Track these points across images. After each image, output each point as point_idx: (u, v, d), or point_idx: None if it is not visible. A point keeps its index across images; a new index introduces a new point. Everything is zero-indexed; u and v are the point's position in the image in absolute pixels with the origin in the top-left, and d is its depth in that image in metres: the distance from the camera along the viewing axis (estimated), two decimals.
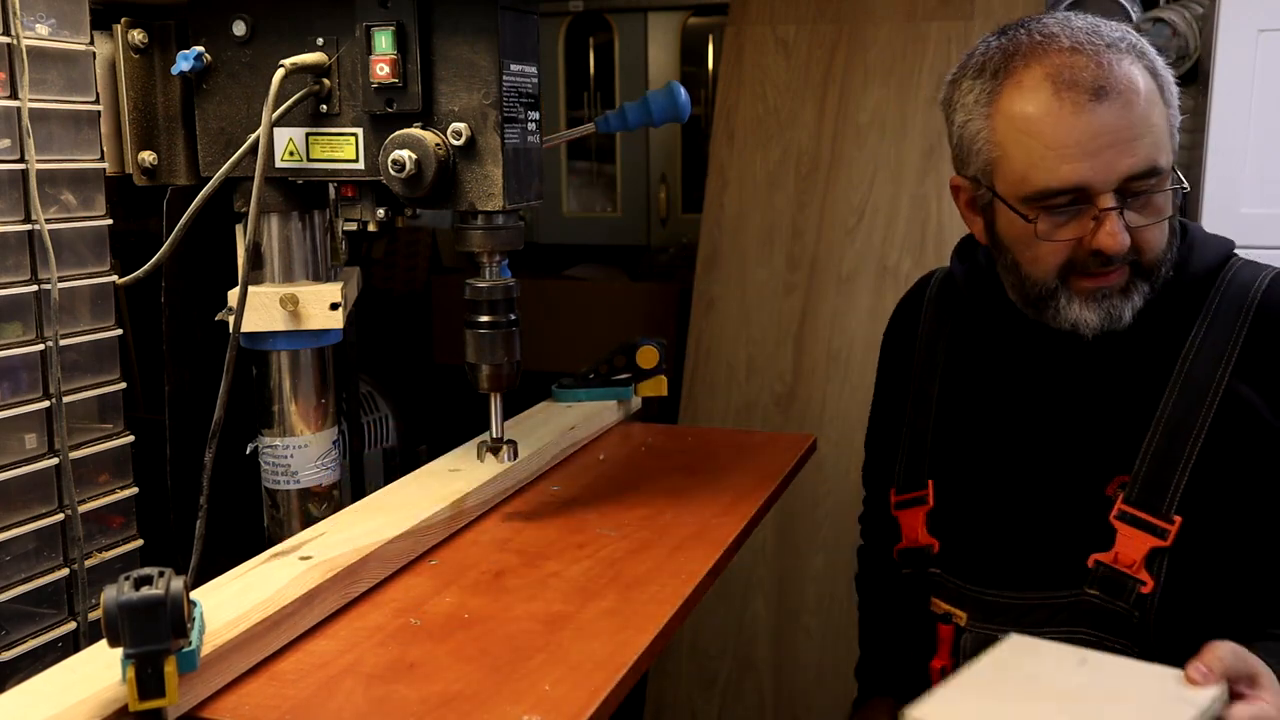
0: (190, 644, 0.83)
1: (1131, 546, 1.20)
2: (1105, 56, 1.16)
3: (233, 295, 1.20)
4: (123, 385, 1.20)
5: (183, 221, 1.17)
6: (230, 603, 0.94)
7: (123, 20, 1.19)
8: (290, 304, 1.20)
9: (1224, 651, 1.02)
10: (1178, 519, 1.19)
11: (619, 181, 3.59)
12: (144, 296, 1.36)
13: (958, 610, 1.30)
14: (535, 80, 1.18)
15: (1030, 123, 1.17)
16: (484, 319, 1.17)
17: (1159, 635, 1.19)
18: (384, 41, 1.10)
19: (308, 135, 1.17)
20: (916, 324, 1.45)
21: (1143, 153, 1.15)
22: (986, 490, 1.32)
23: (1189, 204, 2.43)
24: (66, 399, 1.12)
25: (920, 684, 1.20)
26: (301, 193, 1.23)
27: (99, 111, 1.17)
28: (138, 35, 1.20)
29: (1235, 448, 1.20)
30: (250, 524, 1.29)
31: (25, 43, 1.06)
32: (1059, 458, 1.28)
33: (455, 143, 1.12)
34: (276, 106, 1.12)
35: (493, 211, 1.13)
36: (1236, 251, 1.32)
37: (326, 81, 1.15)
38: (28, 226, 1.08)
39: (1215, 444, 1.20)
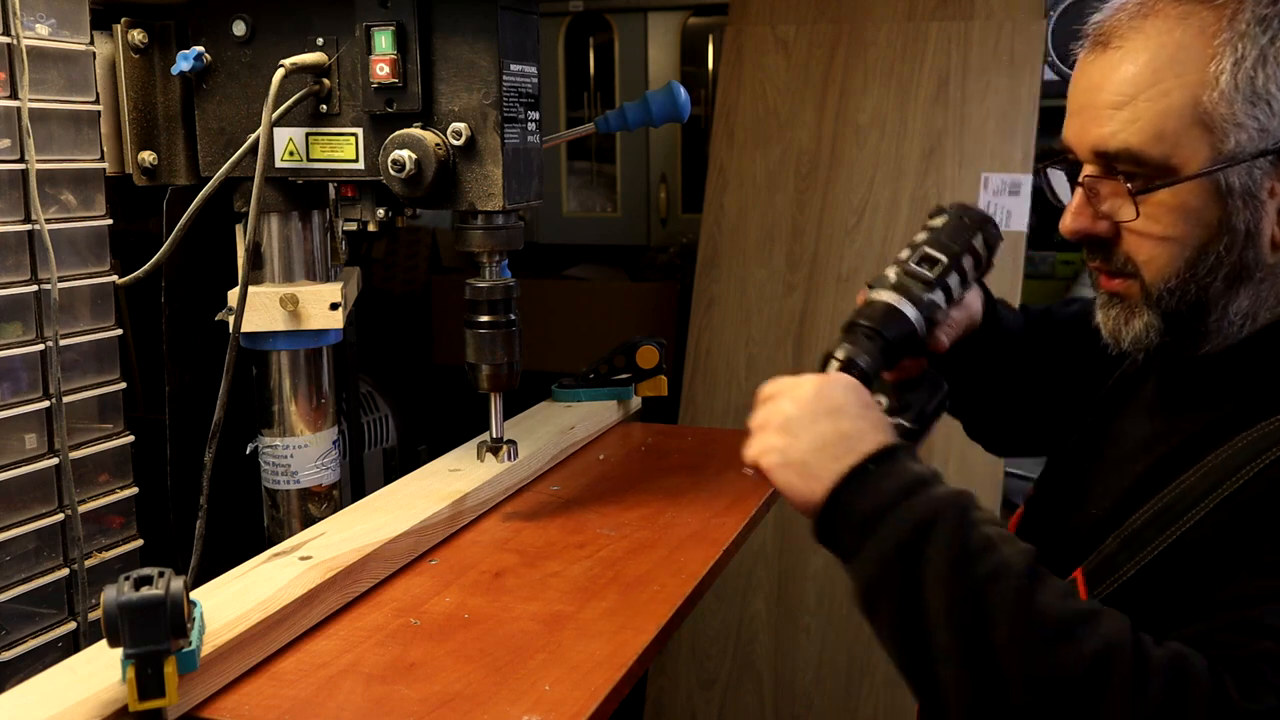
0: (190, 644, 0.83)
1: None
2: (1157, 5, 0.93)
3: (233, 295, 1.20)
4: (123, 385, 1.20)
5: (183, 221, 1.17)
6: (230, 603, 0.94)
7: (123, 20, 1.19)
8: (290, 304, 1.20)
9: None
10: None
11: (619, 181, 3.59)
12: (144, 296, 1.36)
13: None
14: (535, 80, 1.18)
15: None
16: (484, 319, 1.17)
17: None
18: (384, 41, 1.10)
19: (308, 135, 1.17)
20: None
21: (1115, 125, 0.93)
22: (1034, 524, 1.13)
23: None
24: (66, 399, 1.12)
25: None
26: (301, 193, 1.23)
27: (99, 111, 1.17)
28: (138, 35, 1.20)
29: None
30: (250, 524, 1.29)
31: (25, 43, 1.06)
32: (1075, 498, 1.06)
33: (455, 143, 1.12)
34: (276, 106, 1.12)
35: (492, 211, 1.13)
36: None
37: (326, 81, 1.15)
38: (28, 226, 1.08)
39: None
